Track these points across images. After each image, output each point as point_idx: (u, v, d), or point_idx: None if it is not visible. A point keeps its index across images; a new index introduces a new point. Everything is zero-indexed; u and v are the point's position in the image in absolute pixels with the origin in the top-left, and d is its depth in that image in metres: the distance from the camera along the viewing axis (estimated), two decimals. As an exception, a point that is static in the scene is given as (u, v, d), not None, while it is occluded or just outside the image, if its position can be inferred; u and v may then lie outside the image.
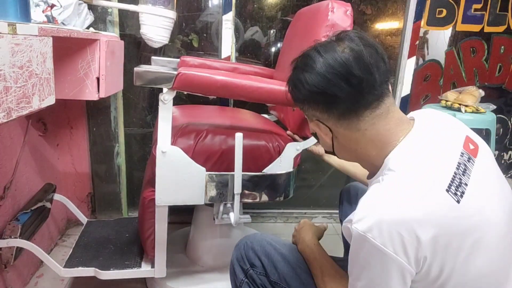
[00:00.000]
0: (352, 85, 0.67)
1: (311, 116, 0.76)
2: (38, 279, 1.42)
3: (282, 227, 2.03)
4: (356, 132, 0.71)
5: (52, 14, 1.28)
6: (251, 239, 0.96)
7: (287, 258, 0.90)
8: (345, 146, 0.75)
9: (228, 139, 1.11)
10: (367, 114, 0.69)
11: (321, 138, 0.78)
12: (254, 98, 1.06)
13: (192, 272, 1.44)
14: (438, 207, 0.60)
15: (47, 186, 1.53)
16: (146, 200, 1.17)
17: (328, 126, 0.74)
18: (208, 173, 1.12)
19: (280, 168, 1.17)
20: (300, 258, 0.91)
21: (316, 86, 0.69)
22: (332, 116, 0.71)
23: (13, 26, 0.69)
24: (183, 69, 0.99)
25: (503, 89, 2.05)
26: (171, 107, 1.05)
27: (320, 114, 0.73)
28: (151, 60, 1.57)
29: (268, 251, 0.91)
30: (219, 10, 1.77)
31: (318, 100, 0.71)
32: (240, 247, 0.95)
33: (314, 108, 0.74)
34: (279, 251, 0.92)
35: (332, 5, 1.11)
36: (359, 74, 0.66)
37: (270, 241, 0.95)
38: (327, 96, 0.69)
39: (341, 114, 0.70)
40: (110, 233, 1.50)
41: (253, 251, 0.92)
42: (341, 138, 0.74)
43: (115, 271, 1.24)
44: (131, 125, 1.87)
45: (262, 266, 0.90)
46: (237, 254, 0.95)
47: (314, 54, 0.70)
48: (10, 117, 0.69)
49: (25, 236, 1.25)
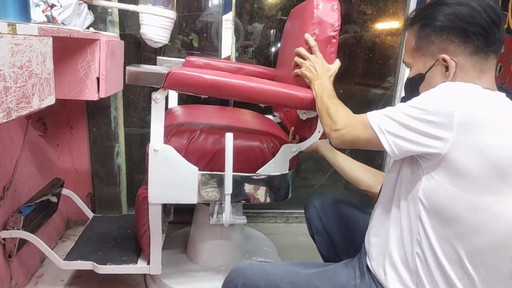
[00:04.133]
0: (495, 23, 0.75)
1: (436, 53, 0.79)
2: (38, 279, 1.42)
3: (282, 227, 2.03)
4: (477, 71, 0.77)
5: (52, 14, 1.28)
6: (247, 275, 0.88)
7: (296, 284, 0.86)
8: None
9: (222, 139, 1.11)
10: (492, 58, 0.77)
11: (435, 77, 0.80)
12: (245, 98, 1.06)
13: (191, 272, 1.44)
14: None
15: (54, 180, 1.54)
16: (140, 198, 1.18)
17: (455, 61, 0.77)
18: (201, 172, 1.12)
19: (275, 170, 1.17)
20: (310, 275, 0.87)
21: (468, 16, 0.75)
22: (467, 49, 0.76)
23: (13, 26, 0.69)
24: (174, 69, 1.00)
25: (503, 89, 2.05)
26: (164, 106, 1.05)
27: (455, 46, 0.77)
28: (156, 59, 1.58)
29: (274, 284, 0.86)
30: (219, 10, 1.77)
31: (459, 31, 0.76)
32: (238, 280, 0.87)
33: (448, 40, 0.77)
34: (286, 279, 0.86)
35: (317, 2, 1.10)
36: (499, 16, 0.75)
37: (270, 269, 0.90)
38: (472, 27, 0.75)
39: (476, 48, 0.76)
40: (113, 228, 1.52)
41: (253, 283, 0.86)
42: (457, 77, 0.77)
43: (112, 266, 1.26)
44: (131, 125, 1.87)
45: None
46: (233, 286, 0.87)
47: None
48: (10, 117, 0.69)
49: (29, 228, 1.26)
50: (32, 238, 1.22)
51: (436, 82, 0.79)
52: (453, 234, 0.71)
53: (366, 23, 1.95)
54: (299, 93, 1.05)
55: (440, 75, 0.79)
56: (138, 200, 1.19)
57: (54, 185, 1.51)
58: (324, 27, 1.09)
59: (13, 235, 1.21)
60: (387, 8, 1.93)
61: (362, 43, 1.99)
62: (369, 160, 2.13)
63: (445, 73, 0.79)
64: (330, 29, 1.09)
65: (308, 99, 1.05)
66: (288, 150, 1.17)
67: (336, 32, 1.09)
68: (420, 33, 0.82)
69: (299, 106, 1.09)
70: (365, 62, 2.02)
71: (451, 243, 0.72)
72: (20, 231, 1.22)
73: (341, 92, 1.97)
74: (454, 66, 0.77)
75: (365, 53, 2.00)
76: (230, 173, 1.10)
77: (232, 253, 1.49)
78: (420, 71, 0.83)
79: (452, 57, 0.77)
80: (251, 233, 1.80)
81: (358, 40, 1.98)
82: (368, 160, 2.12)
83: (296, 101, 1.06)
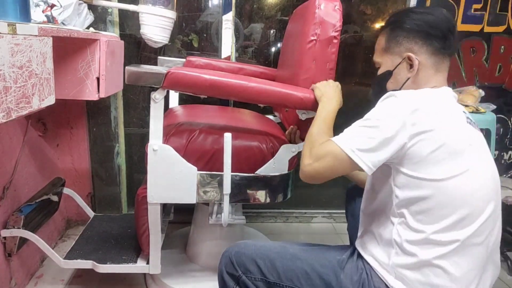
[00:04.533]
0: (451, 31, 0.88)
1: (403, 51, 0.90)
2: (38, 279, 1.42)
3: (282, 227, 2.03)
4: (435, 70, 0.89)
5: (52, 14, 1.29)
6: (241, 246, 0.94)
7: (282, 254, 0.90)
8: (414, 83, 0.90)
9: (221, 139, 1.11)
10: (447, 60, 0.90)
11: (400, 74, 0.91)
12: (244, 98, 1.06)
13: (191, 271, 1.44)
14: (456, 117, 0.82)
15: (56, 180, 1.55)
16: (140, 197, 1.18)
17: (418, 59, 0.88)
18: (200, 172, 1.12)
19: (274, 170, 1.17)
20: (298, 249, 0.92)
21: (431, 22, 0.88)
22: (429, 48, 0.88)
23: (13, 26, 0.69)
24: (173, 68, 1.00)
25: (503, 89, 2.05)
26: (163, 106, 1.05)
27: (419, 47, 0.88)
28: (157, 59, 1.58)
29: (263, 252, 0.91)
30: (219, 10, 1.77)
31: (423, 34, 0.88)
32: (230, 254, 0.93)
33: (413, 40, 0.89)
34: (274, 250, 0.92)
35: (318, 2, 1.10)
36: (454, 26, 0.89)
37: (262, 243, 0.95)
38: (434, 31, 0.87)
39: (436, 49, 0.88)
40: (114, 228, 1.53)
41: (246, 256, 0.90)
42: (419, 73, 0.89)
43: (112, 265, 1.27)
44: (131, 125, 1.87)
45: (258, 270, 0.89)
46: (226, 261, 0.93)
47: (426, 10, 0.93)
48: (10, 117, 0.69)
49: (29, 227, 1.27)
50: (33, 237, 1.22)
51: (401, 78, 0.91)
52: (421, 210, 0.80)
53: (366, 23, 1.95)
54: (298, 93, 1.05)
55: (406, 71, 0.91)
56: (137, 199, 1.19)
57: (55, 185, 1.51)
58: (325, 27, 1.09)
59: (14, 234, 1.22)
60: (387, 8, 1.93)
61: (362, 43, 1.99)
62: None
63: (409, 69, 0.90)
64: (332, 29, 1.09)
65: (308, 100, 1.05)
66: (287, 150, 1.17)
67: (338, 32, 1.09)
68: (390, 35, 0.93)
69: (298, 106, 1.09)
70: (365, 62, 2.02)
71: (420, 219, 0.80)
72: (21, 230, 1.22)
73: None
74: (417, 64, 0.88)
75: (365, 53, 2.00)
76: (229, 173, 1.10)
77: (232, 253, 1.48)
78: (388, 68, 0.94)
79: (416, 56, 0.88)
80: (251, 233, 1.80)
81: (357, 40, 1.98)
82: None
83: (296, 101, 1.06)
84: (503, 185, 1.91)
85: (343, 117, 1.28)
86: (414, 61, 0.88)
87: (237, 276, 0.90)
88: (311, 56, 1.10)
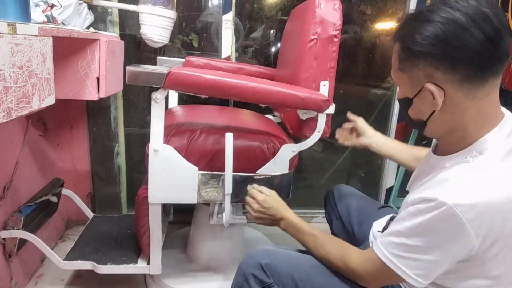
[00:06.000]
0: (492, 39, 0.61)
1: (422, 77, 0.68)
2: (38, 279, 1.42)
3: (282, 227, 2.02)
4: (471, 100, 0.67)
5: (52, 14, 1.28)
6: (272, 254, 0.88)
7: (318, 269, 0.87)
8: (446, 116, 0.70)
9: (222, 139, 1.11)
10: (490, 81, 0.65)
11: (423, 106, 0.71)
12: (245, 98, 1.06)
13: (191, 272, 1.44)
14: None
15: (54, 180, 1.54)
16: (140, 198, 1.18)
17: (443, 89, 0.67)
18: (201, 172, 1.12)
19: (275, 170, 1.17)
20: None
21: (454, 39, 0.62)
22: (456, 76, 0.65)
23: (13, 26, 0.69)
24: (174, 69, 1.00)
25: (503, 89, 2.05)
26: (164, 106, 1.05)
27: (442, 73, 0.65)
28: (156, 59, 1.58)
29: (298, 265, 0.87)
30: (219, 10, 1.77)
31: (444, 54, 0.64)
32: (260, 260, 0.86)
33: (433, 66, 0.66)
34: (308, 263, 0.88)
35: (318, 1, 1.10)
36: (499, 28, 0.61)
37: (294, 254, 0.92)
38: (460, 53, 0.63)
39: (467, 75, 0.64)
40: (113, 228, 1.53)
41: (281, 268, 0.85)
42: (449, 106, 0.68)
43: (112, 266, 1.26)
44: (131, 125, 1.87)
45: (293, 284, 0.83)
46: (255, 264, 0.86)
47: (442, 7, 0.65)
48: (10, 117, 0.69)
49: (29, 228, 1.26)
50: (33, 238, 1.22)
51: (424, 110, 0.72)
52: None
53: (366, 23, 1.95)
54: (299, 93, 1.05)
55: (428, 103, 0.70)
56: (138, 200, 1.19)
57: (54, 185, 1.51)
58: (326, 26, 1.09)
59: (13, 235, 1.21)
60: (387, 8, 1.93)
61: (362, 43, 1.99)
62: (369, 161, 2.13)
63: (433, 101, 0.69)
64: (332, 28, 1.09)
65: (309, 99, 1.05)
66: (288, 150, 1.17)
67: (338, 31, 1.10)
68: (402, 54, 0.71)
69: (300, 106, 1.09)
70: (365, 62, 2.02)
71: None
72: (21, 231, 1.22)
73: (341, 92, 1.97)
74: (442, 95, 0.67)
75: (365, 53, 2.00)
76: (230, 173, 1.10)
77: (232, 253, 1.48)
78: (407, 95, 0.74)
79: (439, 84, 0.67)
80: (251, 233, 1.80)
81: (357, 40, 1.98)
82: (368, 161, 2.13)
83: (297, 101, 1.06)
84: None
85: (342, 117, 1.29)
86: (436, 94, 0.67)
87: (268, 283, 0.84)
88: (312, 55, 1.11)
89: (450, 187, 0.65)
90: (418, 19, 0.68)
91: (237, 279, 0.89)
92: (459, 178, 0.66)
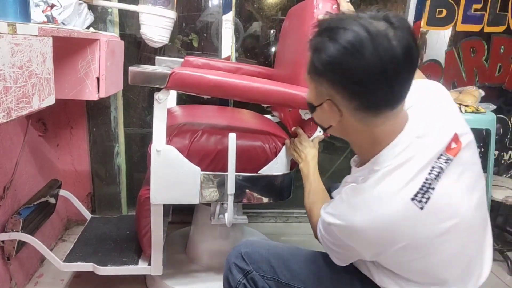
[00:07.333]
0: (390, 79, 0.61)
1: (325, 94, 0.69)
2: (38, 279, 1.42)
3: (282, 227, 2.03)
4: (364, 126, 0.69)
5: (52, 14, 1.28)
6: (254, 243, 0.93)
7: (297, 256, 0.89)
8: (344, 132, 0.74)
9: (224, 139, 1.11)
10: (386, 113, 0.66)
11: (323, 116, 0.74)
12: (248, 98, 1.06)
13: (191, 272, 1.44)
14: (400, 215, 0.65)
15: (52, 182, 1.54)
16: (142, 198, 1.17)
17: (340, 110, 0.68)
18: (203, 173, 1.11)
19: (277, 170, 1.17)
20: (312, 253, 0.90)
21: (352, 72, 0.61)
22: (352, 104, 0.65)
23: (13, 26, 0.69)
24: (177, 69, 1.00)
25: (503, 89, 2.05)
26: (166, 106, 1.05)
27: (341, 98, 0.66)
28: (155, 59, 1.57)
29: (277, 252, 0.90)
30: (219, 10, 1.77)
31: (342, 83, 0.64)
32: (241, 249, 0.91)
33: (334, 89, 0.66)
34: (287, 251, 0.91)
35: (316, 1, 1.10)
36: (403, 67, 0.60)
37: (275, 242, 0.95)
38: (354, 87, 0.63)
39: (361, 106, 0.65)
40: (112, 229, 1.52)
41: (260, 254, 0.89)
42: (346, 125, 0.71)
43: (112, 267, 1.26)
44: (131, 125, 1.87)
45: (271, 269, 0.87)
46: (236, 254, 0.91)
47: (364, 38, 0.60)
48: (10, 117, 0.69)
49: (28, 230, 1.26)
50: (32, 240, 1.21)
51: (324, 120, 0.75)
52: None
53: (366, 23, 1.95)
54: (302, 93, 1.05)
55: (327, 116, 0.72)
56: (139, 200, 1.19)
57: (51, 186, 1.50)
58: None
59: (13, 237, 1.20)
60: (387, 8, 1.93)
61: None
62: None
63: (330, 117, 0.71)
64: None
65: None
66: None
67: (337, 31, 1.09)
68: (311, 66, 0.69)
69: (302, 106, 1.09)
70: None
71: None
72: (20, 233, 1.20)
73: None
74: (338, 116, 0.69)
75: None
76: (233, 173, 1.10)
77: (232, 253, 1.48)
78: (312, 102, 0.74)
79: (338, 106, 0.68)
80: (251, 233, 1.80)
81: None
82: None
83: (299, 101, 1.05)
84: (503, 185, 1.92)
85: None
86: (333, 115, 0.70)
87: (247, 270, 0.88)
88: (311, 56, 1.10)
89: (332, 207, 0.75)
90: (328, 32, 0.64)
91: (224, 270, 0.93)
92: (342, 200, 0.74)
